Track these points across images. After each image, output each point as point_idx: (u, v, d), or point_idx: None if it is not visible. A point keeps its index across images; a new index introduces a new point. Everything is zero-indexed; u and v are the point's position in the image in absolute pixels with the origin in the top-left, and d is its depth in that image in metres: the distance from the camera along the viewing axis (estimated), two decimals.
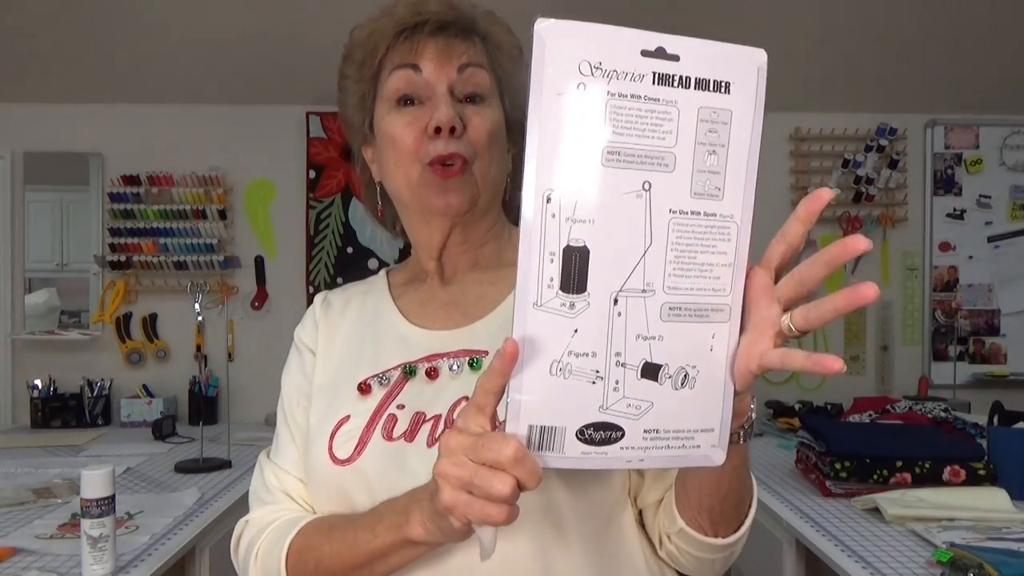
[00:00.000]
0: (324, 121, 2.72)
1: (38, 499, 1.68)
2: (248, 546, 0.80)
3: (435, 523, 0.60)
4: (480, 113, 0.76)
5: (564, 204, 0.48)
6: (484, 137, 0.75)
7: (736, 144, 0.52)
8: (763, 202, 2.26)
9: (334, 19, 2.38)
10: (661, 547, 0.74)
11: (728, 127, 0.51)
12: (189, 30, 2.42)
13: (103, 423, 2.62)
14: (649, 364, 0.52)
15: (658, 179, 0.50)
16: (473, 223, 0.79)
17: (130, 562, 1.31)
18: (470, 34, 0.79)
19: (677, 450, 0.54)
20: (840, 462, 1.64)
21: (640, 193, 0.50)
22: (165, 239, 2.69)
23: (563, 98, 0.48)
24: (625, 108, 0.49)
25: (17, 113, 2.71)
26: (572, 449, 0.51)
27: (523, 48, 0.81)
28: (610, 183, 0.49)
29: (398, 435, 0.73)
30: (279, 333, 2.74)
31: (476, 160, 0.75)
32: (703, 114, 0.51)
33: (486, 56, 0.79)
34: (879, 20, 2.43)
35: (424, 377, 0.76)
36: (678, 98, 0.50)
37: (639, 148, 0.49)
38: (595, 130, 0.48)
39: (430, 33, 0.76)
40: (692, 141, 0.50)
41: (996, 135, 2.83)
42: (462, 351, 0.76)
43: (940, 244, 2.84)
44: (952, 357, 2.82)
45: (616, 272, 0.50)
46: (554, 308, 0.50)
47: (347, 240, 2.72)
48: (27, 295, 2.74)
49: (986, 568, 1.12)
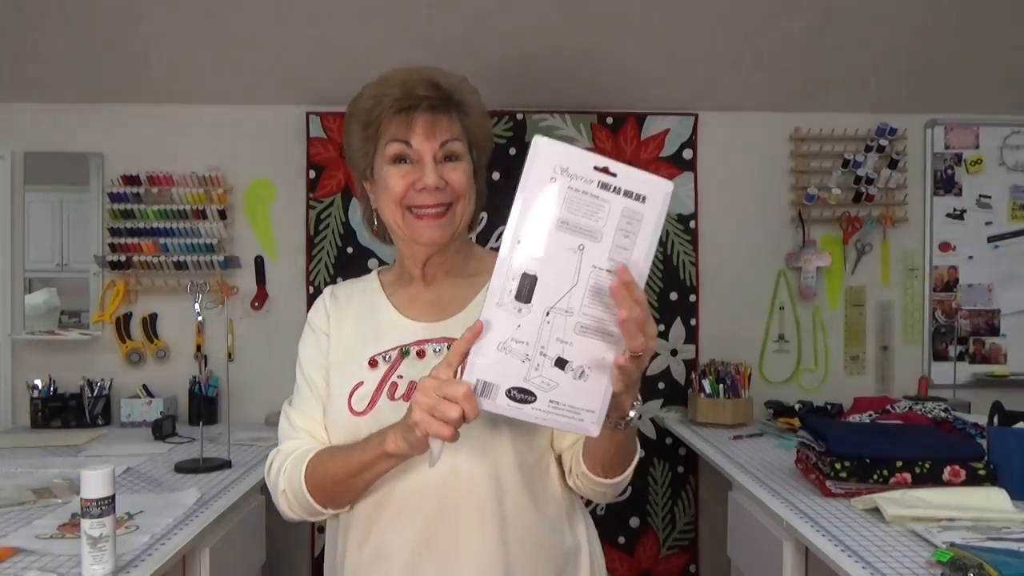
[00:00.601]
0: (324, 121, 2.72)
1: (38, 499, 1.68)
2: (278, 467, 1.09)
3: (404, 438, 0.88)
4: (456, 168, 1.05)
5: (527, 247, 0.78)
6: (461, 186, 1.05)
7: (642, 235, 0.78)
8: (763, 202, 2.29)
9: (334, 19, 2.39)
10: (569, 476, 1.08)
11: (640, 223, 0.78)
12: (189, 30, 2.42)
13: (103, 423, 2.63)
14: (561, 358, 0.80)
15: (589, 244, 0.78)
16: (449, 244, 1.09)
17: (130, 562, 1.31)
18: (449, 108, 1.05)
19: (568, 419, 0.83)
20: (840, 462, 1.64)
21: (576, 250, 0.78)
22: (165, 239, 2.69)
23: (540, 185, 0.77)
24: (577, 198, 0.77)
25: (17, 113, 2.71)
26: (501, 401, 0.81)
27: (484, 108, 1.12)
28: (557, 240, 0.77)
29: (398, 396, 1.05)
30: (279, 333, 2.75)
31: (457, 203, 1.06)
32: (625, 212, 0.78)
33: (460, 124, 1.06)
34: (879, 20, 2.43)
35: (415, 356, 1.07)
36: (611, 199, 0.78)
37: (581, 223, 0.78)
38: (555, 207, 0.77)
39: (419, 112, 1.03)
40: (615, 227, 0.78)
41: (996, 135, 2.83)
42: (443, 338, 1.07)
43: (940, 244, 2.84)
44: (952, 357, 2.82)
45: (551, 295, 0.78)
46: (509, 309, 0.79)
47: (347, 240, 2.73)
48: (27, 295, 2.74)
49: (986, 568, 1.12)
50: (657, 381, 2.77)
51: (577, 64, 2.59)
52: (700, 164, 2.79)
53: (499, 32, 2.45)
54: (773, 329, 2.83)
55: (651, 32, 2.46)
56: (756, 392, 2.75)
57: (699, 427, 2.57)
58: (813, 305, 2.83)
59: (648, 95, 2.73)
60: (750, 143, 2.81)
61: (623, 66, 2.60)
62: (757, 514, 1.81)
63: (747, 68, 2.62)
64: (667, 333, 2.78)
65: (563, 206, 0.77)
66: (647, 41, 2.49)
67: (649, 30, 2.45)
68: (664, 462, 2.78)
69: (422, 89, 1.03)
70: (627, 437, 1.00)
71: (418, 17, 2.38)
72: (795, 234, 2.81)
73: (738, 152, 2.81)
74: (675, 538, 2.79)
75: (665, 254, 2.78)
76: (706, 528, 2.80)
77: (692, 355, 2.79)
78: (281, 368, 2.71)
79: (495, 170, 2.74)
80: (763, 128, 2.81)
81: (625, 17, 2.39)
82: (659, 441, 2.77)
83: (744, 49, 2.54)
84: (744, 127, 2.81)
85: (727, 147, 2.80)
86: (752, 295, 2.82)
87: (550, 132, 2.74)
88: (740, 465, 2.03)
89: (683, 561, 2.80)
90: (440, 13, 2.37)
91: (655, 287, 2.77)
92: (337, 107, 2.72)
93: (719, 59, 2.58)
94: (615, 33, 2.45)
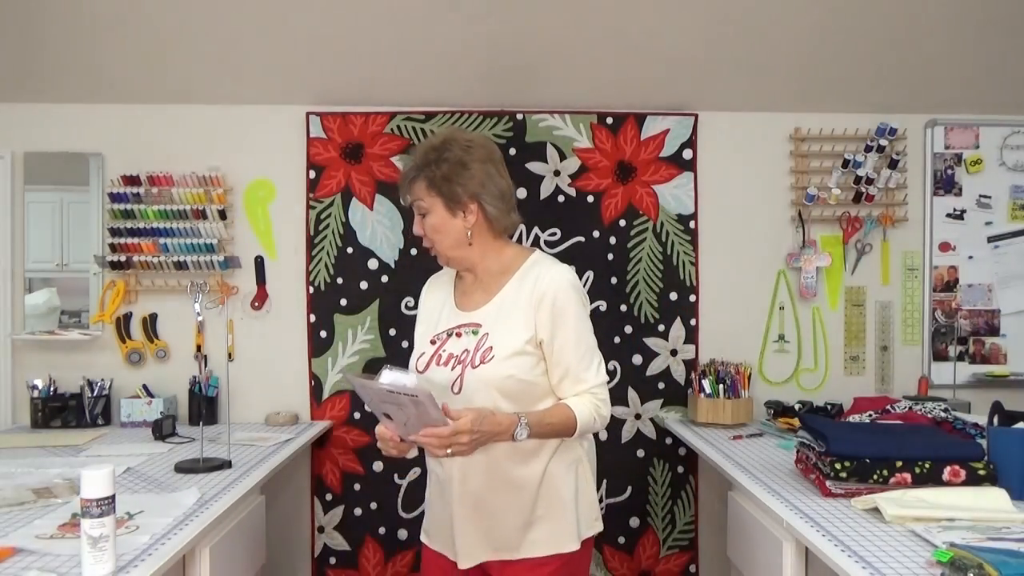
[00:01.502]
0: (324, 121, 2.72)
1: (38, 499, 1.68)
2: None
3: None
4: (423, 221, 1.57)
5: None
6: (430, 231, 1.56)
7: (429, 408, 1.34)
8: (763, 202, 2.28)
9: (334, 20, 2.39)
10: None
11: (422, 404, 1.34)
12: (189, 30, 2.42)
13: (103, 423, 2.63)
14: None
15: (394, 411, 1.40)
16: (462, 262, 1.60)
17: (130, 562, 1.31)
18: (414, 180, 1.55)
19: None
20: (840, 462, 1.64)
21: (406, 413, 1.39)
22: (165, 239, 2.69)
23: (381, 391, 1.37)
24: (393, 396, 1.35)
25: (17, 113, 2.71)
26: None
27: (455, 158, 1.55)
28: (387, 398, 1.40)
29: (442, 364, 1.55)
30: (279, 333, 2.75)
31: (434, 246, 1.59)
32: (412, 401, 1.34)
33: (427, 185, 1.54)
34: (879, 20, 2.43)
35: (455, 336, 1.57)
36: (402, 399, 1.35)
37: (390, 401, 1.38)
38: (380, 397, 1.40)
39: (402, 186, 1.60)
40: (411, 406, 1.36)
41: (996, 135, 2.83)
42: (470, 323, 1.56)
43: (940, 244, 2.84)
44: (952, 357, 2.83)
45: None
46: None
47: (347, 240, 2.73)
48: (27, 295, 2.74)
49: (986, 568, 1.12)
50: (657, 381, 2.77)
51: (577, 64, 2.59)
52: (700, 164, 2.79)
53: (499, 32, 2.45)
54: (773, 329, 2.83)
55: (651, 32, 2.46)
56: (756, 392, 2.76)
57: (699, 427, 2.57)
58: (813, 305, 2.83)
59: (648, 95, 2.73)
60: (750, 143, 2.81)
61: (623, 66, 2.60)
62: (757, 514, 1.81)
63: (747, 68, 2.62)
64: (667, 333, 2.78)
65: (386, 399, 1.38)
66: (647, 41, 2.49)
67: (649, 30, 2.45)
68: (664, 462, 2.78)
69: (408, 170, 1.58)
70: (540, 436, 1.50)
71: (418, 17, 2.38)
72: (795, 234, 2.82)
73: (738, 152, 2.81)
74: (675, 538, 2.79)
75: (665, 254, 2.78)
76: (706, 528, 2.80)
77: (692, 355, 2.79)
78: (281, 368, 2.74)
79: None
80: (763, 128, 2.81)
81: (625, 17, 2.39)
82: (659, 441, 2.77)
83: (744, 49, 2.54)
84: (744, 127, 2.81)
85: (727, 147, 2.80)
86: (752, 295, 2.82)
87: (550, 132, 2.74)
88: (740, 465, 2.03)
89: (683, 561, 2.80)
90: (440, 13, 2.37)
91: (655, 287, 2.77)
92: (337, 107, 2.72)
93: (719, 59, 2.58)
94: (615, 33, 2.45)
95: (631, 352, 2.76)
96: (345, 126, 2.72)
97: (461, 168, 1.52)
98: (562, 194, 2.75)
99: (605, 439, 2.74)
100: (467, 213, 1.53)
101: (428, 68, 2.59)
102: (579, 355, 1.51)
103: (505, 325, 1.51)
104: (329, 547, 2.73)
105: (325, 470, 2.72)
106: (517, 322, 1.50)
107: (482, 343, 1.51)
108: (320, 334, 2.72)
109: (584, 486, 1.60)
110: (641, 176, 2.77)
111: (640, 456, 2.77)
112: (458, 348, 1.53)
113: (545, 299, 1.49)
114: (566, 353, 1.50)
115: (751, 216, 2.81)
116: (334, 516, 2.73)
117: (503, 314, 1.53)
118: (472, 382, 1.49)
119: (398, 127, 2.72)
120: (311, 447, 2.67)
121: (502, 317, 1.52)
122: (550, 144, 2.74)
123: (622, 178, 2.76)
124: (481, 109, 2.74)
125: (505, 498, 1.52)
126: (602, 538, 2.75)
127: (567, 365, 1.50)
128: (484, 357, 1.49)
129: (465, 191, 1.52)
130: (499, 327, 1.51)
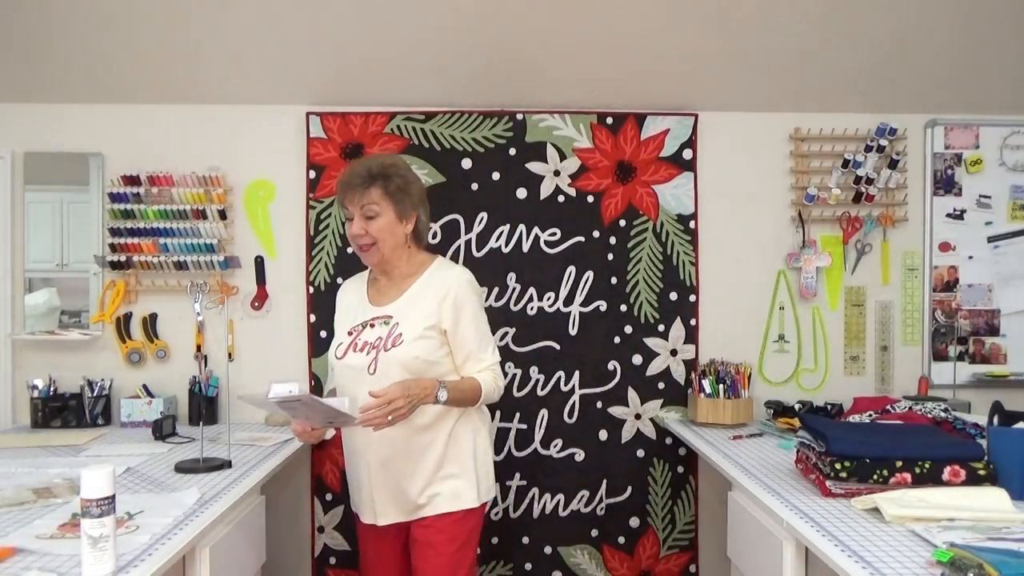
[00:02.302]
0: (324, 121, 2.72)
1: (38, 499, 1.68)
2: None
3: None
4: (374, 223, 1.84)
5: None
6: (379, 232, 1.84)
7: (328, 403, 1.66)
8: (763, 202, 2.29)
9: (334, 20, 2.39)
10: None
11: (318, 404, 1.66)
12: (189, 30, 2.42)
13: (103, 423, 2.63)
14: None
15: (294, 413, 1.73)
16: (389, 262, 1.89)
17: (130, 562, 1.31)
18: (370, 185, 1.84)
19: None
20: (840, 462, 1.64)
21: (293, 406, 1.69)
22: (165, 239, 2.69)
23: (274, 404, 1.67)
24: (286, 404, 1.66)
25: (17, 113, 2.71)
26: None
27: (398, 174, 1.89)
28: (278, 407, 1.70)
29: (358, 351, 1.85)
30: (279, 333, 2.75)
31: (378, 243, 1.85)
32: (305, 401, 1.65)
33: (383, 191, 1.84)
34: (879, 20, 2.43)
35: (369, 327, 1.87)
36: (296, 405, 1.66)
37: (286, 408, 1.70)
38: (276, 407, 1.71)
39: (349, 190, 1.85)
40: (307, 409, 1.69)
41: (996, 135, 2.83)
42: (383, 315, 1.87)
43: (940, 244, 2.84)
44: (952, 357, 2.83)
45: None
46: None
47: (347, 240, 2.72)
48: (27, 295, 2.74)
49: (986, 568, 1.12)
50: (657, 381, 2.77)
51: (577, 64, 2.59)
52: (700, 164, 2.79)
53: (498, 32, 2.45)
54: (773, 329, 2.83)
55: (651, 32, 2.46)
56: (756, 392, 2.76)
57: (699, 427, 2.57)
58: (813, 305, 2.83)
59: (648, 95, 2.73)
60: (750, 143, 2.81)
61: (623, 66, 2.60)
62: (757, 514, 1.81)
63: (747, 68, 2.62)
64: (667, 333, 2.78)
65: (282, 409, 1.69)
66: (647, 41, 2.49)
67: (649, 30, 2.45)
68: (664, 462, 2.78)
69: (356, 177, 1.84)
70: (455, 400, 1.80)
71: (417, 17, 2.38)
72: (795, 234, 2.82)
73: (738, 152, 2.81)
74: (675, 538, 2.79)
75: (665, 254, 2.78)
76: (706, 528, 2.80)
77: (692, 355, 2.79)
78: (281, 368, 2.74)
79: (495, 170, 2.74)
80: (763, 128, 2.81)
81: (625, 17, 2.39)
82: (659, 441, 2.77)
83: (744, 49, 2.54)
84: (744, 127, 2.81)
85: (727, 147, 2.80)
86: (752, 295, 2.82)
87: (550, 132, 2.74)
88: (740, 465, 2.03)
89: (683, 561, 2.80)
90: (439, 13, 2.37)
91: (655, 287, 2.77)
92: (337, 107, 2.72)
93: (719, 59, 2.58)
94: (615, 33, 2.45)
95: (631, 352, 2.76)
96: (345, 126, 2.72)
97: (408, 185, 1.88)
98: (562, 194, 2.75)
99: (605, 439, 2.75)
100: (408, 222, 1.88)
101: (428, 68, 2.59)
102: (478, 340, 1.87)
103: (411, 315, 1.84)
104: (329, 547, 2.73)
105: (325, 470, 2.72)
106: (421, 312, 1.84)
107: (393, 330, 1.83)
108: (320, 334, 2.72)
109: (482, 451, 1.92)
110: (641, 176, 2.77)
111: (640, 456, 2.77)
112: (372, 336, 1.84)
113: (448, 294, 1.84)
114: (467, 339, 1.86)
115: (751, 216, 2.81)
116: (334, 516, 2.73)
117: (411, 307, 1.85)
118: (385, 363, 1.80)
119: (398, 127, 2.72)
120: (311, 447, 2.67)
121: (410, 309, 1.85)
122: (550, 144, 2.74)
123: (622, 178, 2.76)
124: (481, 109, 2.74)
125: (413, 460, 1.83)
126: (602, 538, 2.76)
127: (469, 349, 1.86)
128: (395, 341, 1.81)
129: (411, 204, 1.88)
130: (407, 317, 1.84)
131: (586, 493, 2.75)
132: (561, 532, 2.75)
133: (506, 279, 2.73)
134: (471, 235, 2.74)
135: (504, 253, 2.74)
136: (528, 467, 2.74)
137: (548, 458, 2.74)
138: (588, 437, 2.75)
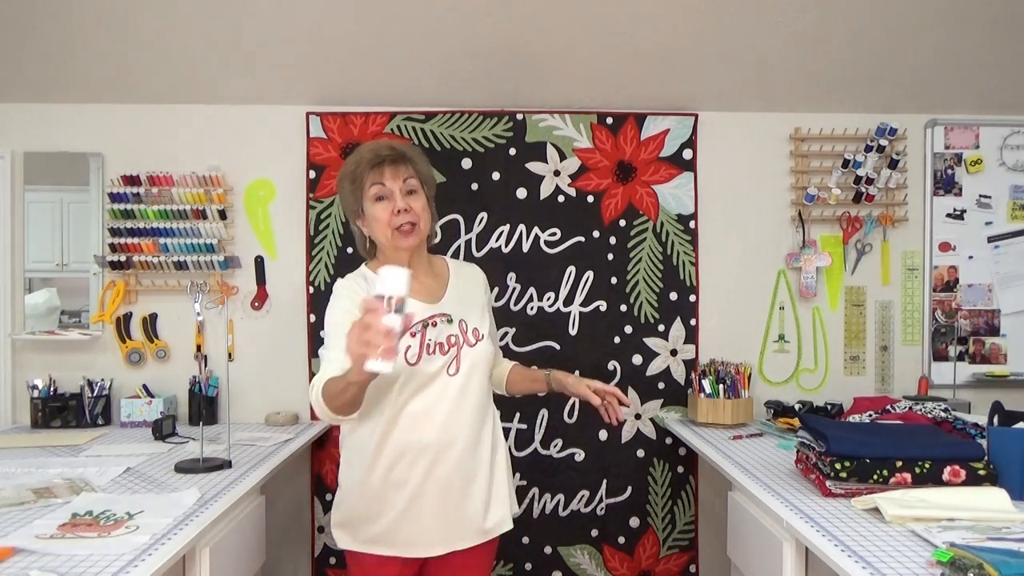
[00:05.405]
0: (324, 121, 2.72)
1: (38, 499, 1.68)
2: (316, 390, 1.51)
3: (355, 371, 1.32)
4: (416, 200, 1.65)
5: None
6: (420, 211, 1.65)
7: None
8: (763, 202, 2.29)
9: (334, 20, 2.39)
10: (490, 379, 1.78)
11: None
12: (189, 30, 2.42)
13: (103, 423, 2.63)
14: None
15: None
16: (416, 252, 1.70)
17: (130, 562, 1.31)
18: (405, 161, 1.65)
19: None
20: (840, 462, 1.64)
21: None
22: (165, 239, 2.69)
23: None
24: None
25: (17, 113, 2.71)
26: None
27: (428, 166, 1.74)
28: None
29: (430, 352, 1.65)
30: (279, 333, 2.75)
31: (420, 222, 1.65)
32: None
33: (414, 170, 1.66)
34: (878, 20, 2.43)
35: (430, 326, 1.65)
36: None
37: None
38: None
39: (386, 165, 1.63)
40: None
41: (996, 135, 2.83)
42: (442, 314, 1.68)
43: (940, 244, 2.84)
44: (952, 357, 2.83)
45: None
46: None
47: (347, 240, 2.73)
48: (27, 295, 2.74)
49: (986, 568, 1.12)
50: (657, 381, 2.77)
51: (577, 64, 2.59)
52: (700, 164, 2.79)
53: (499, 32, 2.45)
54: (773, 329, 2.83)
55: (651, 32, 2.46)
56: (756, 392, 2.76)
57: (699, 427, 2.57)
58: (813, 305, 2.83)
59: (648, 95, 2.73)
60: (750, 143, 2.81)
61: (623, 66, 2.60)
62: (757, 514, 1.81)
63: (747, 68, 2.62)
64: (667, 333, 2.78)
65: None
66: (647, 41, 2.49)
67: (649, 30, 2.45)
68: (664, 462, 2.78)
69: (384, 151, 1.64)
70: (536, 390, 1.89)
71: (418, 17, 2.38)
72: (795, 234, 2.82)
73: (738, 152, 2.81)
74: (675, 538, 2.79)
75: (665, 254, 2.78)
76: (706, 528, 2.80)
77: (692, 355, 2.79)
78: (281, 368, 2.74)
79: (495, 170, 2.74)
80: (763, 128, 2.81)
81: (625, 17, 2.39)
82: (659, 441, 2.77)
83: (744, 49, 2.54)
84: (744, 127, 2.81)
85: (727, 147, 2.80)
86: (752, 295, 2.82)
87: (550, 132, 2.74)
88: (740, 465, 2.03)
89: (683, 561, 2.80)
90: (439, 13, 2.37)
91: (655, 287, 2.77)
92: (337, 107, 2.72)
93: (719, 59, 2.58)
94: (615, 33, 2.45)
95: (631, 352, 2.76)
96: (345, 126, 2.72)
97: (429, 169, 1.75)
98: (562, 194, 2.75)
99: (605, 439, 2.75)
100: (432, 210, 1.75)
101: (428, 68, 2.59)
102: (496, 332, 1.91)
103: (472, 312, 1.73)
104: (329, 547, 2.73)
105: (325, 470, 2.72)
106: (476, 306, 1.76)
107: (464, 327, 1.69)
108: (320, 334, 2.73)
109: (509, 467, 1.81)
110: (641, 176, 2.77)
111: (640, 456, 2.77)
112: (440, 335, 1.65)
113: (485, 289, 1.83)
114: (495, 332, 1.88)
115: (751, 216, 2.81)
116: None
117: (463, 303, 1.74)
118: (469, 360, 1.66)
119: (398, 127, 2.72)
120: (311, 447, 2.67)
121: (463, 305, 1.73)
122: (550, 144, 2.74)
123: (622, 178, 2.77)
124: (481, 109, 2.74)
125: (473, 474, 1.66)
126: (602, 538, 2.76)
127: (496, 341, 1.87)
128: (477, 336, 1.70)
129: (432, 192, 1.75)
130: (469, 314, 1.72)
131: (586, 493, 2.75)
132: (561, 532, 2.75)
133: (506, 279, 2.73)
134: (471, 235, 2.74)
135: (504, 253, 2.74)
136: (528, 467, 2.74)
137: (548, 458, 2.75)
138: (588, 437, 2.75)
